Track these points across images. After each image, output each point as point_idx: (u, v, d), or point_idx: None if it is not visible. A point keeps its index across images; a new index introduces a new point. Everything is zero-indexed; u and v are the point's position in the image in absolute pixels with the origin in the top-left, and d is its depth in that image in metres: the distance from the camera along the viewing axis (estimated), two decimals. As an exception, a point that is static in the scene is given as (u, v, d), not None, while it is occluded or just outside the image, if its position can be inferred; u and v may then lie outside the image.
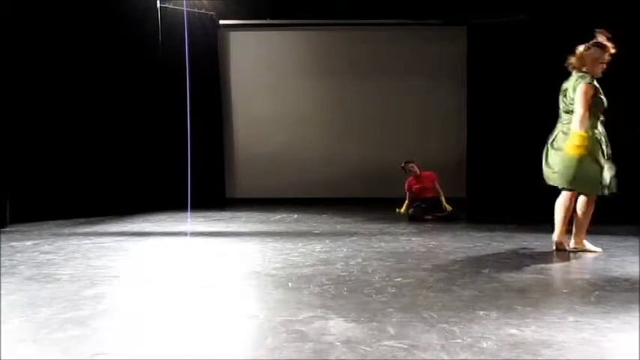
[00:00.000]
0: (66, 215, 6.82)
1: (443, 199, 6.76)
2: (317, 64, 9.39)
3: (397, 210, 6.90)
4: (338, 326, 2.39)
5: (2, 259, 4.08)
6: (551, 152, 4.23)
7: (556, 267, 3.74)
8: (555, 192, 4.55)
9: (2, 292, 3.06)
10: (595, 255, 4.20)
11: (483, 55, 8.91)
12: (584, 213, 4.20)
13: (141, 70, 8.37)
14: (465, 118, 9.16)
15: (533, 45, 8.46)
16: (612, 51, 4.11)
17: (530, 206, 6.64)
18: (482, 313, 2.59)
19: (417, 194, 6.84)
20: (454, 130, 9.20)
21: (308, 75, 9.41)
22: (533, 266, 3.76)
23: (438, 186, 6.86)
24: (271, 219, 6.89)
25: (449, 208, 6.68)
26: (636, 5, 7.15)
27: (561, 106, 4.27)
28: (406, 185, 6.99)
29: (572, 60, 4.24)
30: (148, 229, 5.93)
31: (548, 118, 8.53)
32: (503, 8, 8.59)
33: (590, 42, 4.18)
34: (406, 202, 6.91)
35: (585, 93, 3.99)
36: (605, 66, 4.16)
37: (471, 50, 9.11)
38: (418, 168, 6.95)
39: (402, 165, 7.02)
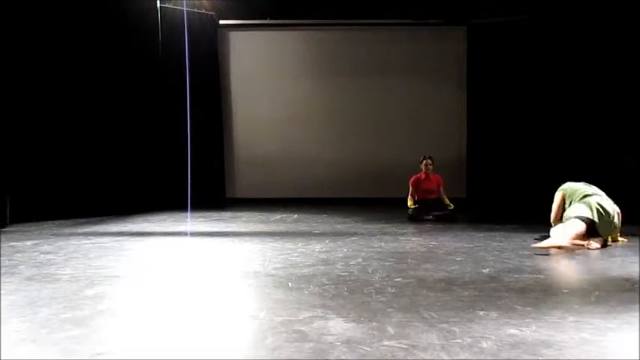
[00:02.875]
0: (66, 215, 6.82)
1: (445, 198, 6.80)
2: (317, 64, 9.39)
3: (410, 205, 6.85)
4: (338, 326, 2.39)
5: (2, 259, 4.08)
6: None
7: (556, 267, 3.74)
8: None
9: (2, 292, 3.06)
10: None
11: (483, 55, 8.92)
12: None
13: (141, 71, 8.37)
14: (465, 118, 9.16)
15: (534, 45, 8.46)
16: None
17: (530, 206, 6.63)
18: (482, 313, 2.59)
19: (421, 194, 6.82)
20: (454, 130, 9.19)
21: (308, 75, 9.41)
22: (533, 266, 3.75)
23: (442, 190, 6.87)
24: (271, 219, 6.88)
25: (450, 205, 6.70)
26: (636, 6, 7.14)
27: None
28: (412, 179, 6.92)
29: None
30: (148, 229, 5.93)
31: (548, 117, 8.54)
32: (503, 8, 8.59)
33: None
34: (409, 196, 6.89)
35: None
36: None
37: (471, 50, 9.10)
38: (432, 167, 6.92)
39: (422, 159, 6.97)
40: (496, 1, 8.62)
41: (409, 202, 6.86)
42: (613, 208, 4.66)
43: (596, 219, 4.53)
